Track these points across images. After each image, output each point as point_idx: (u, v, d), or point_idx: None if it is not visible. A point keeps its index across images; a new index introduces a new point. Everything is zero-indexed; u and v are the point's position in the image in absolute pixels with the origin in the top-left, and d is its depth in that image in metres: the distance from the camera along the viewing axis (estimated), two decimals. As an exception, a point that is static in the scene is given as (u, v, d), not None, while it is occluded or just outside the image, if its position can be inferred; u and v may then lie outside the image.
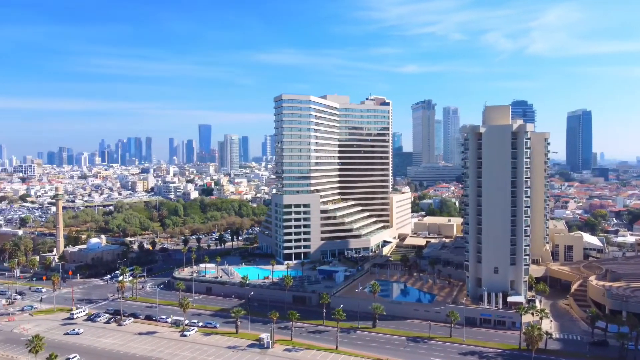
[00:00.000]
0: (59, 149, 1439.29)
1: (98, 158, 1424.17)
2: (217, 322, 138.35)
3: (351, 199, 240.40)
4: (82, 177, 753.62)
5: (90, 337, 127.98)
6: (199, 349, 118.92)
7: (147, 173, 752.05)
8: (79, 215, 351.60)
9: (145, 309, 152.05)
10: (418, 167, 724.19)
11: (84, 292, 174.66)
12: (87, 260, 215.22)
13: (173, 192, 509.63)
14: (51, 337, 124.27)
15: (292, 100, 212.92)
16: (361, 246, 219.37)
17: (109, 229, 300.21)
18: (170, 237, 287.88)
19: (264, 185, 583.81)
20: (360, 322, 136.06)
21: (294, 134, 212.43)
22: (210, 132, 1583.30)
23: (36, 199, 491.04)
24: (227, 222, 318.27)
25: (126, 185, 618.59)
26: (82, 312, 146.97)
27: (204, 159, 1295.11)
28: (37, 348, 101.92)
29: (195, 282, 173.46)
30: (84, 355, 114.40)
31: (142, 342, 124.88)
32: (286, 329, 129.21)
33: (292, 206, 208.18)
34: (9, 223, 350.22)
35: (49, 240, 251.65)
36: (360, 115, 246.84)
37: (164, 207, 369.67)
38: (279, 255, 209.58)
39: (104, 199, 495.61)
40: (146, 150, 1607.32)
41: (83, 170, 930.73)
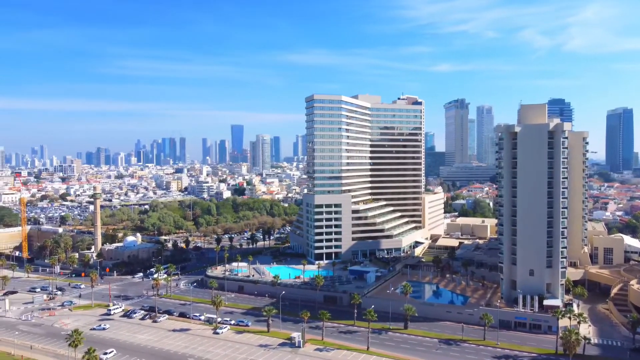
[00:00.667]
0: (97, 149, 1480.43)
1: (134, 158, 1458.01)
2: (249, 321, 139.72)
3: (383, 199, 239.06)
4: (118, 176, 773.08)
5: (126, 333, 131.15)
6: (231, 347, 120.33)
7: (181, 173, 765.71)
8: (116, 214, 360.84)
9: (179, 307, 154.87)
10: (451, 167, 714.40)
11: (121, 289, 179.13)
12: (123, 258, 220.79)
13: (206, 192, 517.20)
14: (89, 331, 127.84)
15: (323, 100, 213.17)
16: (393, 247, 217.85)
17: (145, 228, 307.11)
18: (203, 236, 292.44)
19: (296, 185, 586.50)
20: (391, 323, 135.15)
21: (325, 134, 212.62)
22: (242, 133, 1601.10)
23: (75, 198, 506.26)
24: (258, 222, 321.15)
25: (161, 185, 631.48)
26: (118, 309, 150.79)
27: (236, 159, 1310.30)
28: (76, 342, 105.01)
29: (227, 281, 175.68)
30: (121, 350, 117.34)
31: (176, 338, 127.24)
32: (317, 329, 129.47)
33: (324, 206, 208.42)
34: (50, 221, 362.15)
35: (88, 238, 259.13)
36: (392, 114, 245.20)
37: (198, 206, 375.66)
38: (310, 255, 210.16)
39: (139, 198, 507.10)
40: (180, 150, 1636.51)
41: (120, 170, 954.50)
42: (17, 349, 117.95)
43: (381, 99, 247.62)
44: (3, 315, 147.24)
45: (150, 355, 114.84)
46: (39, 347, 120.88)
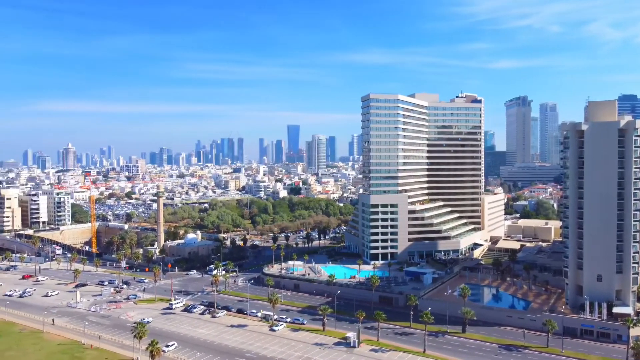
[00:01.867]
0: (160, 149, 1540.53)
1: (194, 158, 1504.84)
2: (305, 319, 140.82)
3: (440, 200, 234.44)
4: (180, 176, 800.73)
5: (187, 327, 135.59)
6: (287, 344, 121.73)
7: (239, 172, 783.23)
8: (177, 212, 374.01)
9: (236, 303, 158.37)
10: (512, 167, 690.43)
11: (182, 284, 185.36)
12: (184, 255, 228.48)
13: (263, 191, 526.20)
14: (152, 324, 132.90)
15: (379, 99, 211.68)
16: (450, 248, 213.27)
17: (204, 226, 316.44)
18: (260, 235, 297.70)
19: (351, 185, 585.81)
20: (448, 326, 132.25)
21: (381, 133, 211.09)
22: (298, 133, 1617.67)
23: (140, 196, 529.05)
24: (314, 221, 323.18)
25: (220, 184, 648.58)
26: (179, 303, 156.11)
27: (292, 158, 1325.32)
28: (141, 334, 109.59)
29: (283, 279, 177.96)
30: (181, 344, 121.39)
31: (234, 334, 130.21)
32: (372, 329, 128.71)
33: (379, 206, 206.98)
34: (116, 218, 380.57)
35: (151, 234, 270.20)
36: (450, 113, 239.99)
37: (255, 205, 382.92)
38: (365, 255, 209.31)
39: (199, 196, 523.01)
40: (238, 150, 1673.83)
41: (181, 169, 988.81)
42: (87, 339, 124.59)
43: (439, 98, 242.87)
44: (74, 306, 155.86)
45: (209, 350, 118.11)
46: (107, 337, 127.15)
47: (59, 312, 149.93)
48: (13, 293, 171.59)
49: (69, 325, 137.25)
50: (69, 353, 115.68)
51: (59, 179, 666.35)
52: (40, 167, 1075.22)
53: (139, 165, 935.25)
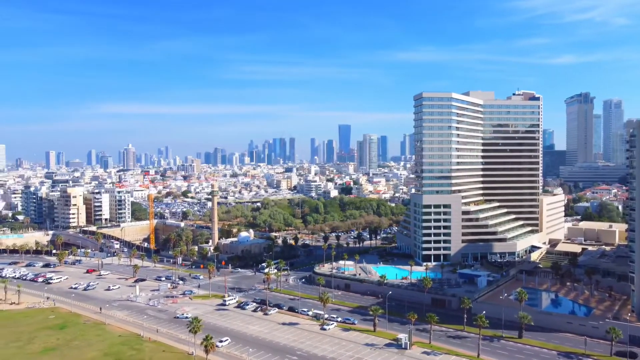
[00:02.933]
0: (214, 149, 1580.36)
1: (247, 158, 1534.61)
2: (356, 319, 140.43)
3: (495, 201, 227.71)
4: (233, 175, 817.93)
5: (240, 323, 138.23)
6: (338, 344, 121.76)
7: (290, 172, 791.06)
8: (231, 211, 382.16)
9: (288, 301, 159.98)
10: (572, 167, 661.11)
11: (235, 281, 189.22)
12: (237, 252, 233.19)
13: (314, 191, 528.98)
14: (207, 320, 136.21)
15: (432, 98, 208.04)
16: (506, 250, 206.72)
17: (257, 224, 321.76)
18: (311, 234, 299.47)
19: (403, 185, 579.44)
20: (504, 330, 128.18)
21: (434, 132, 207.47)
22: (349, 132, 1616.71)
23: (195, 195, 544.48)
24: (365, 221, 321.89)
25: (272, 184, 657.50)
26: (233, 300, 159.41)
27: (343, 158, 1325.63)
28: (196, 329, 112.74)
29: (334, 279, 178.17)
30: (234, 339, 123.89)
31: (285, 331, 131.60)
32: (424, 332, 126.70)
33: (432, 206, 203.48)
34: (173, 216, 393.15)
35: (206, 232, 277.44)
36: (507, 111, 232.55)
37: (306, 204, 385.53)
38: (417, 256, 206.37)
39: (252, 196, 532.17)
40: (290, 150, 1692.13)
41: (234, 169, 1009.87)
42: (145, 332, 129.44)
43: (494, 95, 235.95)
44: (134, 300, 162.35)
45: (261, 346, 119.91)
46: (164, 331, 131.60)
47: (119, 306, 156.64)
48: (78, 286, 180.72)
49: (129, 318, 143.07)
50: (129, 345, 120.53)
51: (120, 178, 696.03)
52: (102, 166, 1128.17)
53: (195, 165, 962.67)
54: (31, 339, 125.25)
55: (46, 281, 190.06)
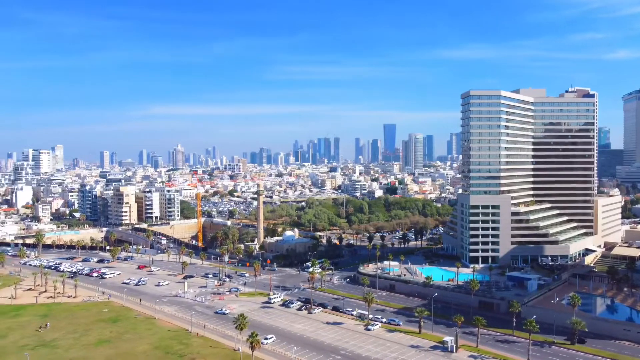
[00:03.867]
0: (260, 149, 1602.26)
1: (292, 157, 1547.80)
2: (400, 320, 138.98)
3: (547, 202, 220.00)
4: (278, 175, 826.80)
5: (284, 321, 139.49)
6: (382, 344, 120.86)
7: (335, 172, 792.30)
8: (276, 210, 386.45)
9: (332, 300, 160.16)
10: (631, 167, 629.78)
11: (280, 280, 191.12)
12: (282, 251, 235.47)
13: (359, 190, 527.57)
14: (252, 317, 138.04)
15: (480, 96, 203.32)
16: (558, 253, 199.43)
17: (301, 224, 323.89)
18: (355, 234, 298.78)
19: (449, 185, 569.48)
20: (555, 336, 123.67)
21: (482, 131, 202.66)
22: (394, 132, 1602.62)
23: (241, 194, 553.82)
24: (410, 221, 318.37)
25: (316, 183, 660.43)
26: (278, 298, 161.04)
27: (388, 158, 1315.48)
28: (242, 326, 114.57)
29: (379, 279, 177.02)
30: (279, 337, 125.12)
31: (329, 331, 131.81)
32: (471, 335, 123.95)
33: (480, 207, 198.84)
34: (220, 214, 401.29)
35: (251, 231, 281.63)
36: (559, 109, 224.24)
37: (350, 204, 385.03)
38: (464, 258, 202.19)
39: (297, 195, 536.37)
40: (334, 150, 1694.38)
41: (279, 168, 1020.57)
42: (193, 327, 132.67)
43: (546, 93, 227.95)
44: (182, 296, 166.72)
45: (306, 345, 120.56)
46: (211, 327, 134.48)
47: (169, 301, 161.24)
48: (130, 281, 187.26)
49: (178, 314, 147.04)
50: (178, 339, 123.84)
51: (169, 177, 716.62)
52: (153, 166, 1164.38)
53: (241, 164, 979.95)
54: (87, 331, 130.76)
55: (100, 276, 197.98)
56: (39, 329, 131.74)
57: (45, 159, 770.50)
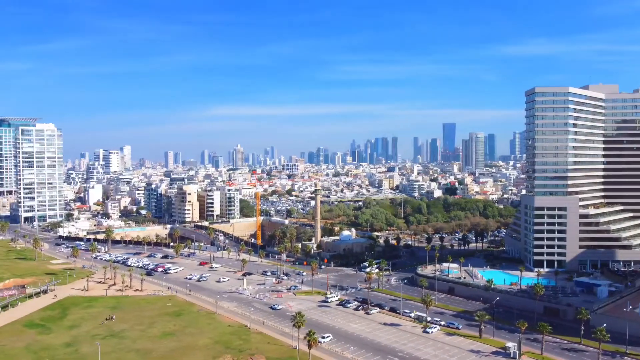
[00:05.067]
0: (317, 149, 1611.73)
1: (349, 157, 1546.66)
2: (460, 324, 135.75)
3: (619, 204, 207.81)
4: (335, 174, 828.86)
5: (341, 321, 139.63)
6: (441, 348, 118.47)
7: (392, 172, 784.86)
8: (333, 209, 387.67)
9: (389, 301, 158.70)
10: None
11: (336, 279, 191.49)
12: (339, 251, 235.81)
13: (417, 190, 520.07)
14: (309, 315, 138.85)
15: (546, 92, 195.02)
16: (632, 259, 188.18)
17: (358, 223, 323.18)
18: (413, 234, 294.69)
19: (512, 186, 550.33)
20: (628, 347, 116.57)
21: (547, 129, 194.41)
22: (454, 131, 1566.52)
23: (299, 194, 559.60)
24: (470, 223, 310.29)
25: (374, 183, 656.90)
26: (335, 297, 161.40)
27: (447, 157, 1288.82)
28: (299, 324, 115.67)
29: (437, 281, 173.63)
30: (336, 336, 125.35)
31: (386, 332, 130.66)
32: (535, 342, 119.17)
33: (545, 209, 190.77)
34: (278, 213, 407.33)
35: (309, 230, 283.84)
36: (633, 105, 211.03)
37: (408, 204, 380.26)
38: (528, 261, 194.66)
39: (354, 195, 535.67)
40: (392, 149, 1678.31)
41: (337, 168, 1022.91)
42: (252, 323, 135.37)
43: (618, 89, 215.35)
44: (242, 293, 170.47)
45: (362, 345, 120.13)
46: (269, 323, 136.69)
47: (228, 297, 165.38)
48: (192, 277, 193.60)
49: (237, 310, 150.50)
50: (237, 335, 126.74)
51: (229, 176, 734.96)
52: (214, 165, 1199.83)
53: (298, 164, 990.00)
54: (152, 324, 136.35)
55: (165, 271, 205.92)
56: (106, 321, 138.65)
57: (114, 158, 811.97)
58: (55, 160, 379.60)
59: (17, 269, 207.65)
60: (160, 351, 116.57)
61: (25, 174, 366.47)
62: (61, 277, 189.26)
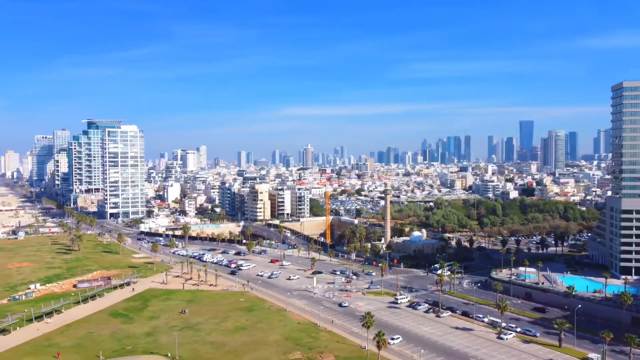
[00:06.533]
0: (387, 148, 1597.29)
1: (420, 157, 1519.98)
2: (537, 331, 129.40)
3: None
4: (406, 174, 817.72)
5: (411, 323, 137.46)
6: (517, 356, 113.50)
7: (465, 171, 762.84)
8: (403, 210, 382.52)
9: (461, 305, 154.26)
10: None
11: (406, 281, 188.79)
12: (409, 251, 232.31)
13: (491, 191, 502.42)
14: (379, 316, 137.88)
15: (635, 87, 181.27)
16: None
17: (429, 224, 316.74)
18: (487, 236, 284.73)
19: (596, 187, 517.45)
20: None
21: (637, 126, 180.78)
22: (532, 129, 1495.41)
23: (368, 193, 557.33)
24: (549, 225, 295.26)
25: (445, 183, 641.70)
26: (404, 299, 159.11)
27: (524, 157, 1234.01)
28: (369, 324, 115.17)
29: (513, 285, 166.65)
30: (406, 338, 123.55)
31: (458, 336, 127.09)
32: (621, 354, 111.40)
33: (634, 212, 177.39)
34: (347, 213, 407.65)
35: (378, 230, 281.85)
36: None
37: (482, 205, 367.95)
38: (613, 268, 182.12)
39: (424, 195, 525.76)
40: (465, 148, 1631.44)
41: (407, 168, 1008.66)
42: (321, 322, 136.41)
43: None
44: (311, 291, 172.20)
45: (433, 349, 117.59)
46: (338, 322, 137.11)
47: (298, 295, 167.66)
48: (263, 274, 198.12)
49: (307, 308, 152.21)
50: (307, 332, 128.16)
51: (299, 176, 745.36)
52: (285, 165, 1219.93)
53: (368, 163, 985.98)
54: (225, 318, 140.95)
55: (237, 267, 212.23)
56: (180, 314, 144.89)
57: (191, 158, 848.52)
58: (137, 160, 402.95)
59: (104, 261, 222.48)
60: (232, 345, 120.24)
61: (111, 173, 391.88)
62: (142, 271, 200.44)
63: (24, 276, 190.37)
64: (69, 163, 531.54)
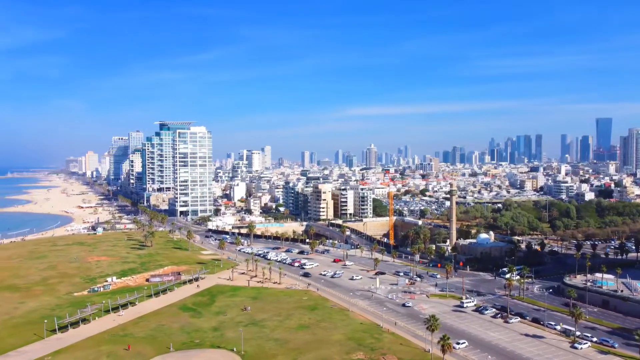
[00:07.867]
0: (453, 148, 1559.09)
1: (487, 156, 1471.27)
2: (616, 342, 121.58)
3: None
4: (472, 174, 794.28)
5: (478, 328, 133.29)
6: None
7: (536, 172, 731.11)
8: (469, 211, 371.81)
9: (532, 311, 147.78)
10: None
11: (472, 284, 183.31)
12: (475, 254, 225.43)
13: (564, 192, 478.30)
14: (443, 319, 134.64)
15: None
16: None
17: (497, 226, 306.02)
18: (560, 240, 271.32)
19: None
20: None
21: None
22: (610, 127, 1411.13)
23: (433, 194, 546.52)
24: (630, 229, 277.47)
25: (514, 184, 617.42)
26: (471, 303, 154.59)
27: (601, 156, 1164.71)
28: (433, 327, 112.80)
29: (588, 292, 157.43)
30: (472, 344, 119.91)
31: (528, 343, 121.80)
32: None
33: None
34: (411, 214, 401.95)
35: (443, 231, 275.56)
36: None
37: (554, 207, 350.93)
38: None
39: (492, 196, 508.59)
40: (535, 148, 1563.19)
41: (473, 168, 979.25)
42: (384, 323, 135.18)
43: None
44: (374, 292, 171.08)
45: (500, 355, 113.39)
46: (402, 324, 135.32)
47: (361, 295, 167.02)
48: (326, 273, 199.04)
49: (369, 308, 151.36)
50: (369, 333, 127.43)
51: (362, 176, 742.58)
52: (347, 165, 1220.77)
53: (433, 163, 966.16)
54: (289, 315, 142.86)
55: (301, 266, 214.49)
56: (242, 310, 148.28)
57: (256, 158, 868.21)
58: (206, 160, 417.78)
59: (174, 257, 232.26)
60: (296, 342, 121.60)
61: (181, 172, 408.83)
62: (210, 267, 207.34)
63: (102, 269, 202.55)
64: (143, 163, 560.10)
